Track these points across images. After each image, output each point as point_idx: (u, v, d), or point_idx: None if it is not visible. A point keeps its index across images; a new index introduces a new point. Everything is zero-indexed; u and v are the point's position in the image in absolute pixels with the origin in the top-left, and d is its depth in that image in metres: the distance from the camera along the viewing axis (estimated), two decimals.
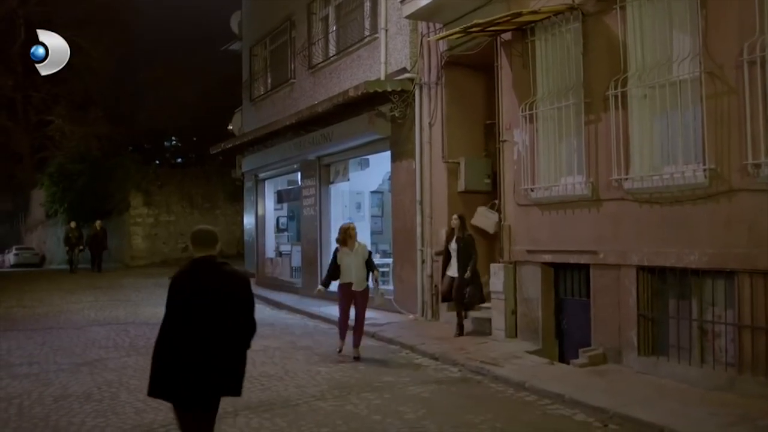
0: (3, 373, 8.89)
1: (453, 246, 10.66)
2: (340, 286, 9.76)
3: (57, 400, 7.54)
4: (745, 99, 6.98)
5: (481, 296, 10.69)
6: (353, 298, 9.71)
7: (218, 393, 4.76)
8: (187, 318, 4.77)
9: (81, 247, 25.65)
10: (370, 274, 9.92)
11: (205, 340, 4.67)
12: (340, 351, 9.76)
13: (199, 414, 4.73)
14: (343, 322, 9.87)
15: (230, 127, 24.30)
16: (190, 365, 4.63)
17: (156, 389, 4.73)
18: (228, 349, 4.74)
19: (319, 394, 7.69)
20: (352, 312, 9.78)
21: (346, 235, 9.74)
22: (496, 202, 11.34)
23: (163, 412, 6.96)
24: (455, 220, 10.69)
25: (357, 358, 9.43)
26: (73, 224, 25.79)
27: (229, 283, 4.84)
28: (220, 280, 4.83)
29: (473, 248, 10.64)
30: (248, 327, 4.84)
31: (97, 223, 25.39)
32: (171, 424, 6.49)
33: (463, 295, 10.54)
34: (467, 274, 10.45)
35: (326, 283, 9.95)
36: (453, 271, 10.65)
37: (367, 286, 9.84)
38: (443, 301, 11.25)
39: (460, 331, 10.68)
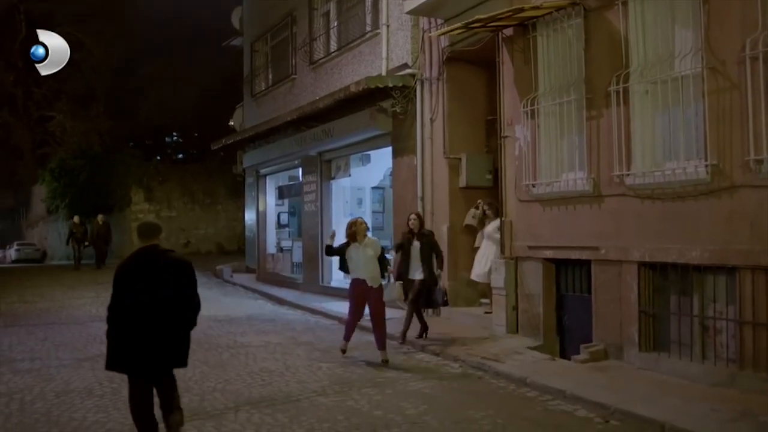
0: (5, 368, 8.90)
1: (415, 246, 10.04)
2: (352, 282, 9.38)
3: (59, 395, 7.54)
4: (747, 95, 6.96)
5: (445, 297, 10.51)
6: (367, 296, 9.22)
7: (166, 365, 5.63)
8: (135, 300, 5.49)
9: (86, 243, 24.65)
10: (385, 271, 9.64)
11: (152, 318, 5.45)
12: (344, 352, 9.34)
13: (151, 384, 5.62)
14: (351, 322, 9.43)
15: (231, 123, 24.31)
16: (140, 341, 5.45)
17: (112, 363, 5.62)
18: (173, 326, 5.58)
19: (321, 389, 7.70)
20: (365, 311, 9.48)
21: (356, 229, 9.26)
22: (480, 201, 11.41)
23: None
24: (414, 220, 10.14)
25: (385, 362, 8.93)
26: (77, 219, 24.80)
27: (171, 267, 5.65)
28: (162, 265, 5.62)
29: (437, 246, 10.20)
30: (191, 306, 5.67)
31: (99, 217, 24.71)
32: None
33: (435, 301, 10.34)
34: (438, 272, 10.08)
35: (341, 265, 9.63)
36: (417, 273, 9.96)
37: (381, 285, 9.34)
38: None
39: (424, 331, 10.24)
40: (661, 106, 8.05)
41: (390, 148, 13.66)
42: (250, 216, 21.80)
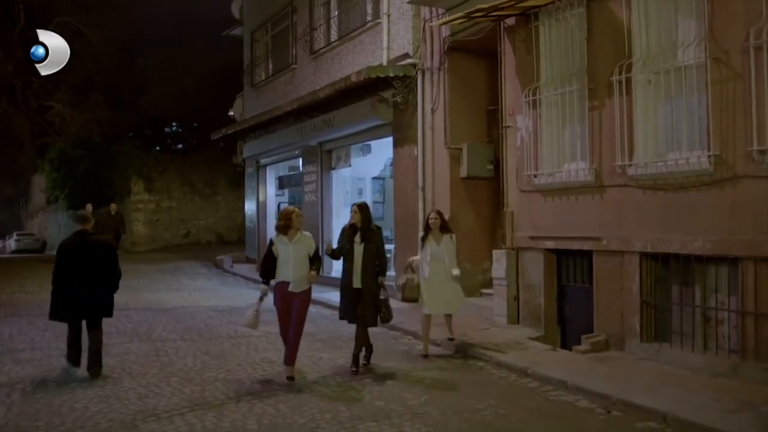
0: (6, 358, 8.89)
1: (358, 244, 8.10)
2: (276, 286, 7.75)
3: (60, 385, 7.54)
4: (751, 85, 6.93)
5: (389, 311, 8.24)
6: (290, 303, 7.63)
7: (96, 315, 8.13)
8: (73, 268, 7.99)
9: None
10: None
11: (84, 282, 7.94)
12: (291, 379, 7.57)
13: (86, 328, 8.10)
14: (286, 334, 7.78)
15: (231, 113, 24.23)
16: (77, 298, 7.96)
17: (55, 315, 8.13)
18: (100, 288, 8.09)
19: (322, 379, 7.70)
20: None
21: (289, 223, 7.70)
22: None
23: (165, 397, 7.01)
24: (356, 213, 8.18)
25: (290, 378, 7.52)
26: (89, 208, 21.75)
27: (98, 246, 8.23)
28: (92, 243, 8.19)
29: (383, 246, 8.32)
30: (113, 274, 8.21)
31: (112, 207, 22.38)
32: (174, 410, 6.55)
33: (378, 316, 8.16)
34: (381, 280, 8.16)
35: (265, 280, 7.87)
36: (357, 279, 8.05)
37: (309, 288, 7.77)
38: (348, 320, 8.29)
39: (367, 360, 8.33)
40: (664, 96, 8.02)
41: (391, 138, 13.63)
42: (250, 206, 21.78)
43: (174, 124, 42.42)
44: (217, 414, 6.45)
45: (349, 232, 8.25)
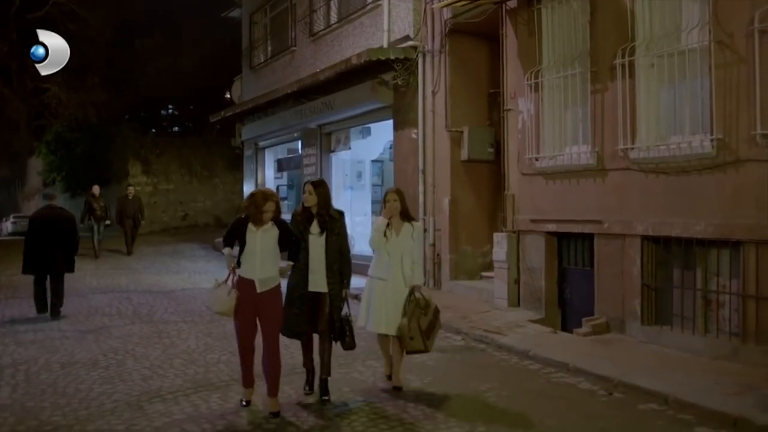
0: (8, 339, 8.92)
1: (316, 235, 6.24)
2: (237, 283, 6.00)
3: (63, 366, 7.57)
4: (755, 68, 6.93)
5: (353, 336, 6.42)
6: (256, 306, 5.96)
7: (60, 272, 10.48)
8: (42, 234, 10.36)
9: (107, 222, 18.89)
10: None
11: (50, 246, 10.34)
12: (247, 404, 6.14)
13: (52, 281, 10.49)
14: (245, 356, 6.12)
15: (228, 96, 24.11)
16: (44, 258, 10.35)
17: (26, 271, 10.51)
18: (63, 250, 10.50)
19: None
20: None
21: (259, 212, 5.94)
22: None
23: (169, 378, 7.05)
24: (310, 194, 6.27)
25: (275, 414, 5.89)
26: (96, 189, 18.97)
27: (62, 218, 10.68)
28: (57, 216, 10.63)
29: (347, 240, 6.53)
30: (73, 240, 10.67)
31: (130, 189, 19.80)
32: (178, 391, 6.59)
33: (345, 330, 6.35)
34: (345, 292, 6.36)
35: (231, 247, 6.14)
36: (318, 282, 6.24)
37: (278, 286, 6.08)
38: (300, 336, 6.44)
39: (324, 388, 6.40)
40: (667, 79, 8.02)
41: (391, 121, 13.59)
42: (248, 189, 21.70)
43: (170, 106, 42.21)
44: (221, 395, 6.49)
45: (301, 218, 6.32)
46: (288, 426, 5.73)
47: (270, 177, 20.59)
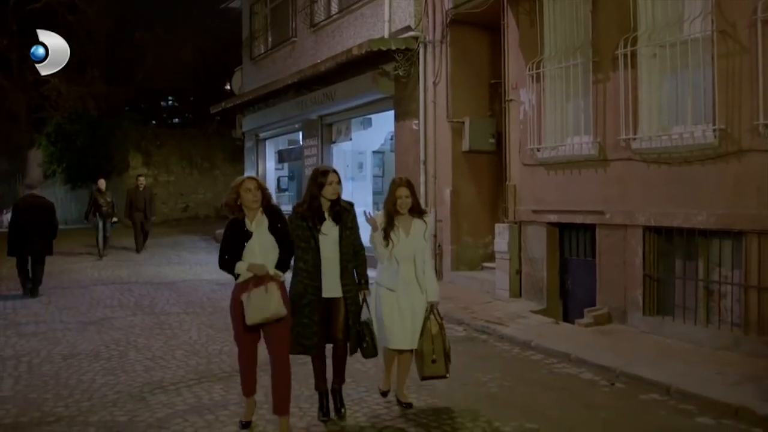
0: (11, 331, 8.93)
1: (327, 229, 5.46)
2: (236, 289, 5.28)
3: (66, 358, 7.59)
4: (757, 58, 6.90)
5: (374, 341, 5.61)
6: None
7: (41, 254, 11.70)
8: (25, 220, 11.48)
9: (114, 219, 17.12)
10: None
11: (32, 230, 11.44)
12: (247, 425, 5.43)
13: (33, 263, 11.71)
14: (245, 368, 5.48)
15: (228, 87, 24.04)
16: (27, 242, 11.45)
17: (11, 253, 11.59)
18: (43, 235, 11.61)
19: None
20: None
21: (245, 195, 5.19)
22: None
23: (171, 370, 7.07)
24: (337, 184, 5.48)
25: None
26: (102, 184, 17.18)
27: (43, 206, 11.87)
28: (39, 203, 11.85)
29: (359, 234, 5.67)
30: (52, 226, 11.78)
31: (141, 180, 18.28)
32: (180, 382, 6.61)
33: (364, 336, 5.53)
34: (364, 293, 5.61)
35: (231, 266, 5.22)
36: (330, 286, 5.44)
37: (284, 288, 5.31)
38: (311, 351, 5.54)
39: (340, 406, 5.73)
40: (669, 69, 8.00)
41: (392, 112, 13.56)
42: None
43: (171, 98, 42.14)
44: (224, 386, 6.50)
45: (309, 212, 5.47)
46: None
47: (271, 168, 20.57)
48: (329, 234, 5.45)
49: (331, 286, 5.45)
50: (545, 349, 7.65)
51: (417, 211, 5.76)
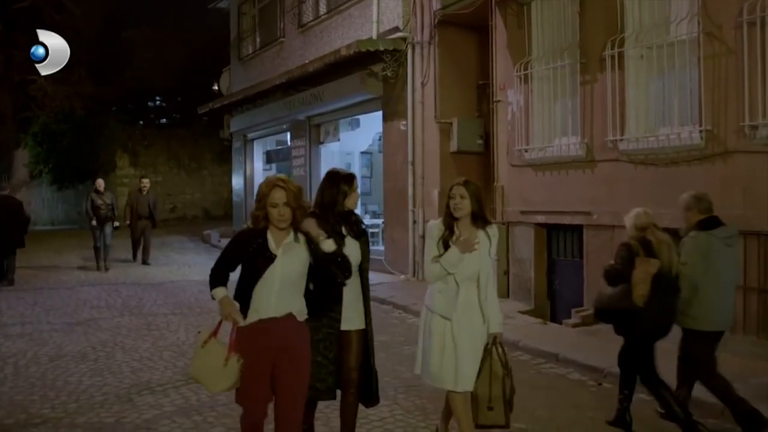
0: None
1: (348, 243, 4.47)
2: (248, 329, 4.13)
3: (52, 359, 7.54)
4: (743, 60, 6.96)
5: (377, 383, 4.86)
6: (276, 359, 4.02)
7: (12, 248, 12.84)
8: None
9: (116, 224, 15.25)
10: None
11: (5, 227, 12.51)
12: None
13: (7, 255, 12.88)
14: (257, 411, 4.11)
15: (215, 87, 23.98)
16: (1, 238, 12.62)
17: None
18: (15, 231, 12.76)
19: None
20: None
21: (260, 211, 4.12)
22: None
23: (159, 371, 7.03)
24: (350, 184, 4.63)
25: None
26: (100, 184, 15.49)
27: (11, 203, 13.17)
28: (10, 202, 13.13)
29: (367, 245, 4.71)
30: (23, 222, 13.25)
31: (144, 182, 16.75)
32: (168, 383, 6.58)
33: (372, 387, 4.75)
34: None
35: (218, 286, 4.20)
36: (350, 316, 4.52)
37: (305, 327, 4.15)
38: (320, 395, 4.46)
39: None
40: (656, 71, 8.05)
41: (380, 113, 13.57)
42: (237, 181, 21.66)
43: (158, 98, 41.98)
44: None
45: (325, 225, 4.33)
46: None
47: (259, 169, 20.54)
48: (351, 251, 4.40)
49: (350, 317, 4.49)
50: (533, 349, 7.68)
51: (481, 219, 4.79)
